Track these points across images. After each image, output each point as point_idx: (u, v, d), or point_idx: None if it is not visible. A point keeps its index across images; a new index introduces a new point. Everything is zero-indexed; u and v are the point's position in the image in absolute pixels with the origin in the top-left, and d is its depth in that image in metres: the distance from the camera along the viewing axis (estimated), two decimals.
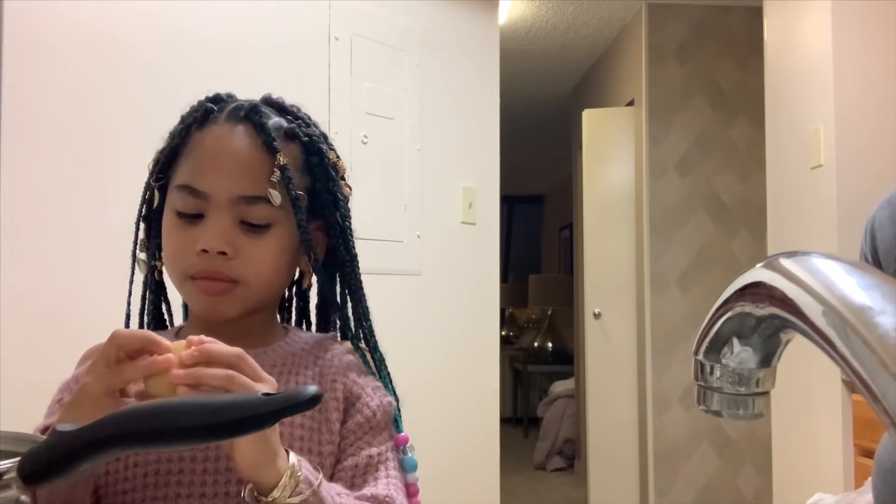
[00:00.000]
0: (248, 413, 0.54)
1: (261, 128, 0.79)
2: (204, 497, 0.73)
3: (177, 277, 0.80)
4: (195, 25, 2.03)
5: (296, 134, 0.82)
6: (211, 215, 0.77)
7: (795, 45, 2.68)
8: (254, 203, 0.78)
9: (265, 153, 0.79)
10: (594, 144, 4.29)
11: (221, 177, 0.78)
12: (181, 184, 0.79)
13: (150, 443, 0.55)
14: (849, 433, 2.29)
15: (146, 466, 0.74)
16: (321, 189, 0.83)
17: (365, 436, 0.80)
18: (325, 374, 0.82)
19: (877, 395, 0.32)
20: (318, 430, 0.78)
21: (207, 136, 0.80)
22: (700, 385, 0.45)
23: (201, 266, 0.77)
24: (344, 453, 0.79)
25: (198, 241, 0.77)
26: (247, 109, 0.81)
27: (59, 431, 0.53)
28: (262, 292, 0.81)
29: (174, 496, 0.73)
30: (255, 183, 0.78)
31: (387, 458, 0.80)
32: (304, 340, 0.86)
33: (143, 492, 0.73)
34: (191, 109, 0.84)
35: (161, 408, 0.55)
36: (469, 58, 2.81)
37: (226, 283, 0.78)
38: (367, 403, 0.81)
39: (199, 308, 0.80)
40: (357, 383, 0.82)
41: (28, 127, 1.75)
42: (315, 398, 0.56)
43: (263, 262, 0.79)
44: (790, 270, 0.38)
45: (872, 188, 2.36)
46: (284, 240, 0.80)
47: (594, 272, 4.20)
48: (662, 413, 3.84)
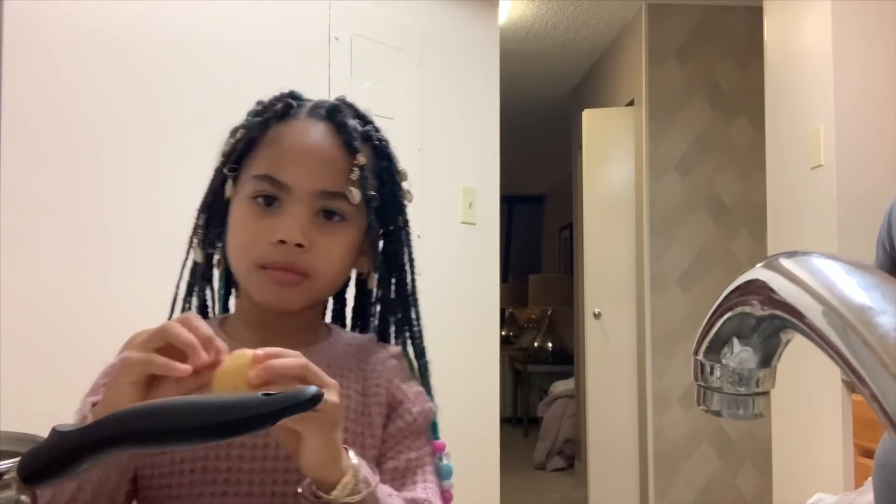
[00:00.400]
0: (248, 413, 0.54)
1: (342, 127, 0.81)
2: (251, 496, 0.74)
3: (245, 266, 0.80)
4: (195, 25, 2.03)
5: (370, 137, 0.84)
6: (290, 207, 0.78)
7: (795, 45, 2.68)
8: (333, 199, 0.79)
9: (345, 152, 0.80)
10: (594, 144, 4.29)
11: (304, 170, 0.79)
12: (261, 174, 0.80)
13: (151, 443, 0.55)
14: (849, 433, 2.29)
15: (193, 462, 0.74)
16: (387, 193, 0.85)
17: (405, 440, 0.81)
18: (368, 378, 0.83)
19: (877, 395, 0.32)
20: (362, 434, 0.79)
21: (289, 131, 0.82)
22: (700, 385, 0.45)
23: (276, 257, 0.77)
24: (384, 457, 0.80)
25: (274, 232, 0.77)
26: (328, 108, 0.83)
27: (59, 431, 0.53)
28: (328, 287, 0.83)
29: (221, 493, 0.73)
30: (335, 179, 0.79)
31: (424, 462, 0.81)
32: (347, 342, 0.86)
33: (188, 487, 0.74)
34: (268, 103, 0.86)
35: (161, 408, 0.55)
36: (469, 58, 2.81)
37: (298, 275, 0.78)
38: (409, 409, 0.82)
39: (264, 298, 0.80)
40: (400, 388, 0.83)
41: (28, 127, 1.75)
42: (315, 398, 0.56)
43: (335, 257, 0.80)
44: (790, 270, 0.38)
45: (872, 188, 2.36)
46: (353, 238, 0.82)
47: (594, 272, 4.20)
48: (662, 413, 3.84)
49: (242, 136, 0.84)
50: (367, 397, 0.81)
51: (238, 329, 0.83)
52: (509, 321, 7.89)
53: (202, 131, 2.04)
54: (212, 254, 0.87)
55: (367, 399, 0.81)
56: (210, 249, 0.87)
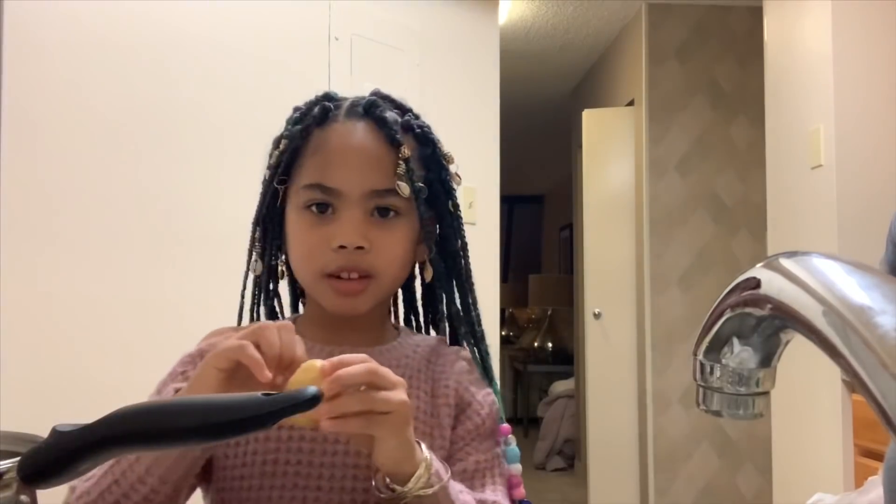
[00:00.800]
0: (248, 413, 0.54)
1: (382, 122, 0.81)
2: (320, 490, 0.75)
3: (310, 276, 0.81)
4: (195, 26, 2.03)
5: (410, 126, 0.84)
6: (344, 211, 0.78)
7: (795, 45, 2.68)
8: (384, 196, 0.79)
9: (389, 147, 0.80)
10: (594, 144, 4.29)
11: (352, 173, 0.79)
12: (310, 183, 0.80)
13: (151, 443, 0.55)
14: (849, 433, 2.29)
15: (265, 455, 0.75)
16: (435, 179, 0.85)
17: (473, 442, 0.81)
18: (437, 379, 0.83)
19: (877, 396, 0.32)
20: (431, 435, 0.79)
21: (331, 135, 0.81)
22: (700, 385, 0.45)
23: (339, 262, 0.78)
24: (452, 458, 0.80)
25: (333, 238, 0.78)
26: (365, 105, 0.83)
27: (59, 431, 0.53)
28: (392, 285, 0.84)
29: (291, 486, 0.74)
30: (384, 176, 0.79)
31: (492, 465, 0.81)
32: (416, 342, 0.87)
33: (260, 479, 0.75)
34: (306, 109, 0.85)
35: (161, 408, 0.55)
36: (469, 58, 2.81)
37: (362, 281, 0.79)
38: (478, 411, 0.82)
39: (331, 306, 0.81)
40: (469, 390, 0.83)
41: (28, 127, 1.75)
42: (314, 398, 0.56)
43: (396, 253, 0.81)
44: (790, 270, 0.38)
45: (872, 188, 2.36)
46: (410, 231, 0.82)
47: (594, 272, 4.20)
48: (662, 413, 3.84)
49: (286, 146, 0.83)
50: (436, 398, 0.81)
51: (308, 330, 0.83)
52: (509, 321, 7.89)
53: (202, 131, 2.04)
54: (275, 265, 0.88)
55: (435, 400, 0.81)
56: (272, 261, 0.88)
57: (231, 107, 2.08)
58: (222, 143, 2.06)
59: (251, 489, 0.75)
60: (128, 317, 1.87)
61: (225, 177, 2.06)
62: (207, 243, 2.01)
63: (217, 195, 2.04)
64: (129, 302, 1.88)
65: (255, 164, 2.46)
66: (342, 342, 0.81)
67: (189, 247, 1.98)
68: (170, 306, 1.94)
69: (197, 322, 2.03)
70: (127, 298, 1.87)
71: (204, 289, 2.00)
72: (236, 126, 2.09)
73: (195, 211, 2.00)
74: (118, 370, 1.81)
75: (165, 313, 1.93)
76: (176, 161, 1.98)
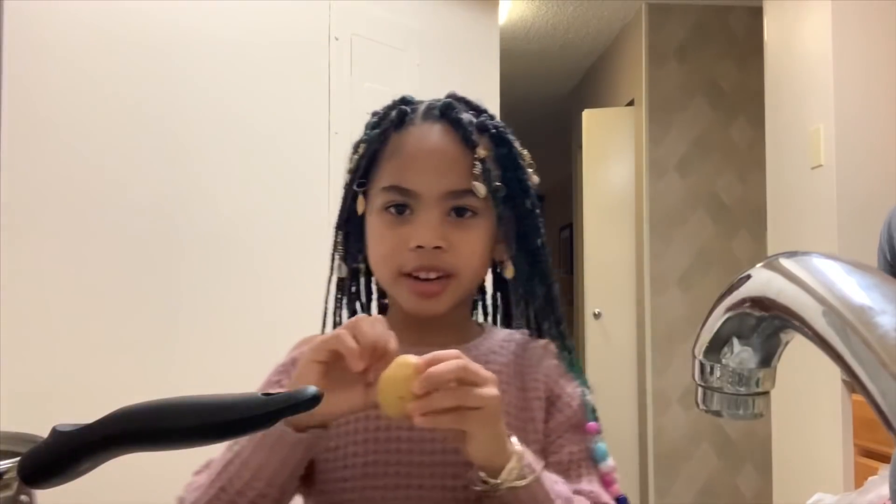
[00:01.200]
0: (248, 413, 0.54)
1: (458, 124, 0.83)
2: (422, 488, 0.76)
3: (389, 276, 0.83)
4: (195, 25, 2.03)
5: (486, 127, 0.85)
6: (421, 212, 0.80)
7: (795, 45, 2.68)
8: (461, 197, 0.81)
9: (465, 148, 0.82)
10: (594, 144, 4.29)
11: (429, 174, 0.81)
12: (389, 185, 0.82)
13: (151, 442, 0.55)
14: (849, 433, 2.29)
15: (365, 456, 0.77)
16: (511, 178, 0.85)
17: (566, 434, 0.82)
18: (525, 373, 0.84)
19: (876, 396, 0.32)
20: (524, 430, 0.80)
21: (408, 137, 0.83)
22: (700, 385, 0.45)
23: (416, 262, 0.80)
24: (546, 451, 0.81)
25: (412, 239, 0.79)
26: (441, 108, 0.84)
27: (59, 431, 0.53)
28: (471, 284, 0.85)
29: (392, 486, 0.76)
30: (460, 177, 0.81)
31: (586, 456, 0.82)
32: (501, 337, 0.88)
33: (361, 480, 0.77)
34: (383, 113, 0.87)
35: (161, 407, 0.55)
36: (469, 58, 2.81)
37: (439, 282, 0.80)
38: (569, 403, 0.83)
39: (410, 305, 0.82)
40: (558, 383, 0.84)
41: (28, 126, 1.75)
42: (315, 398, 0.56)
43: (474, 252, 0.82)
44: (790, 270, 0.38)
45: (872, 188, 2.36)
46: (487, 231, 0.83)
47: (594, 272, 4.20)
48: (662, 413, 3.84)
49: (364, 150, 0.85)
50: (527, 392, 0.82)
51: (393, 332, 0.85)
52: None
53: (202, 130, 2.04)
54: (357, 268, 0.90)
55: (526, 394, 0.82)
56: (354, 264, 0.89)
57: (231, 106, 2.08)
58: (223, 143, 2.06)
59: (353, 490, 0.77)
60: (128, 316, 1.87)
61: (225, 176, 2.06)
62: (208, 242, 2.01)
63: (218, 194, 2.04)
64: (130, 302, 1.88)
65: (255, 162, 2.47)
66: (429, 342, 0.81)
67: (189, 246, 1.98)
68: (170, 306, 1.94)
69: (197, 321, 2.04)
70: (127, 298, 1.87)
71: (204, 288, 2.00)
72: (236, 125, 2.09)
73: (195, 210, 2.00)
74: (118, 370, 1.81)
75: (165, 313, 1.93)
76: (176, 160, 1.98)
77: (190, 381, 1.86)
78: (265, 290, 2.11)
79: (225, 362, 1.98)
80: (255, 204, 2.11)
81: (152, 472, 1.63)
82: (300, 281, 2.28)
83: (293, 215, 2.17)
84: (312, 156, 2.23)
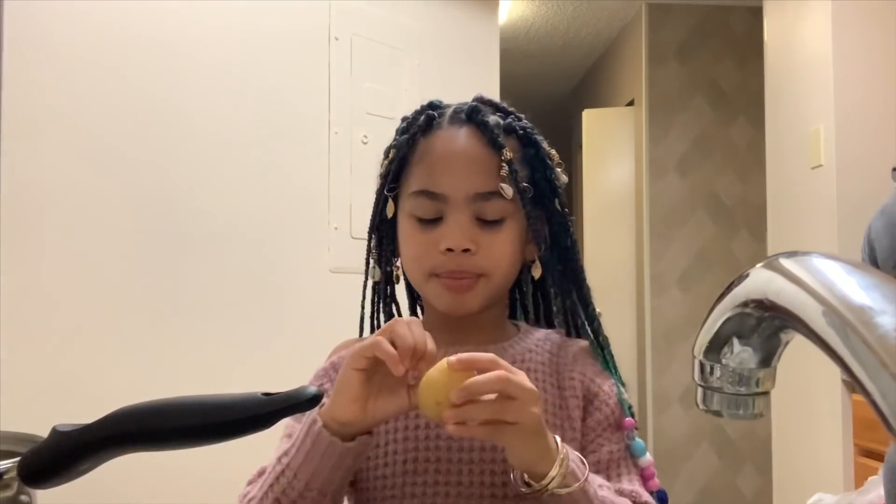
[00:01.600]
0: (247, 413, 0.54)
1: (484, 126, 0.83)
2: (461, 485, 0.77)
3: (420, 277, 0.84)
4: (196, 25, 2.03)
5: (513, 128, 0.86)
6: (450, 215, 0.81)
7: (795, 45, 2.68)
8: (489, 199, 0.81)
9: (491, 150, 0.83)
10: (594, 144, 4.29)
11: (456, 177, 0.82)
12: (418, 189, 0.83)
13: (151, 443, 0.55)
14: (849, 433, 2.29)
15: (405, 454, 0.78)
16: (540, 179, 0.86)
17: (605, 432, 0.82)
18: (561, 372, 0.85)
19: (876, 396, 0.32)
20: (562, 427, 0.81)
21: (436, 142, 0.85)
22: (700, 385, 0.45)
23: (448, 265, 0.81)
24: (585, 449, 0.81)
25: (441, 241, 0.80)
26: (468, 111, 0.85)
27: (59, 431, 0.53)
28: (502, 284, 0.85)
29: (433, 483, 0.77)
30: (487, 179, 0.81)
31: (626, 454, 0.83)
32: (538, 337, 0.88)
33: (402, 478, 0.78)
34: (412, 118, 0.89)
35: (161, 408, 0.55)
36: (469, 58, 2.81)
37: (471, 278, 0.81)
38: (606, 401, 0.84)
39: (443, 304, 0.83)
40: (594, 381, 0.85)
41: (28, 126, 1.75)
42: (315, 398, 0.56)
43: (504, 253, 0.83)
44: (790, 270, 0.38)
45: (872, 188, 2.36)
46: (517, 232, 0.84)
47: (594, 272, 4.19)
48: (662, 413, 3.84)
49: (394, 155, 0.87)
50: (563, 390, 0.83)
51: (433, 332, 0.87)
52: None
53: (202, 130, 2.04)
54: (390, 270, 0.91)
55: (563, 392, 0.83)
56: (388, 267, 0.91)
57: (231, 106, 2.08)
58: (223, 143, 2.06)
59: (394, 487, 0.78)
60: (128, 316, 1.87)
61: (225, 176, 2.06)
62: (207, 242, 2.01)
63: (218, 194, 2.04)
64: (129, 301, 1.88)
65: (255, 162, 2.46)
66: (464, 342, 0.82)
67: (189, 245, 1.98)
68: (169, 305, 1.94)
69: (197, 321, 2.04)
70: (127, 298, 1.87)
71: (204, 287, 2.00)
72: (236, 125, 2.09)
73: (196, 210, 2.00)
74: (118, 370, 1.81)
75: (165, 313, 1.93)
76: (176, 160, 1.98)
77: (191, 380, 1.86)
78: (265, 289, 2.11)
79: (225, 361, 1.98)
80: (254, 203, 2.10)
81: (152, 472, 1.63)
82: (300, 280, 2.28)
83: (293, 215, 2.17)
84: (312, 156, 2.23)
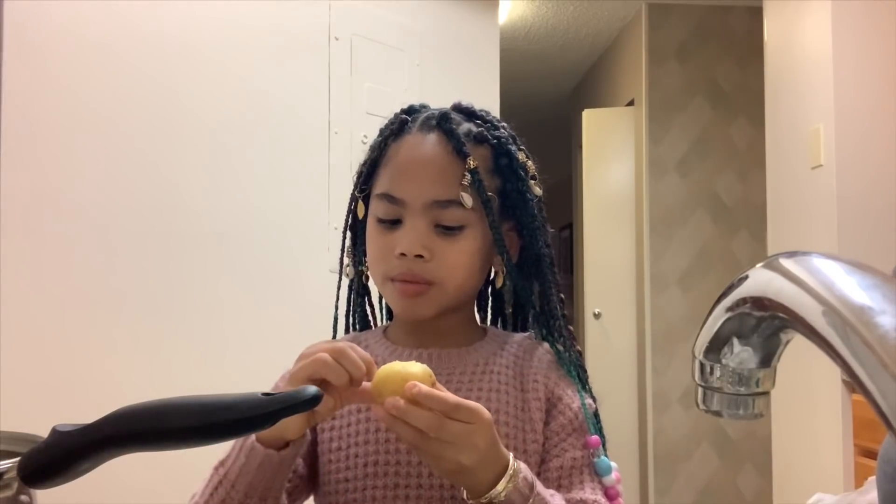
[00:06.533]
0: (247, 413, 0.54)
1: (450, 134, 0.83)
2: (420, 487, 0.77)
3: (379, 279, 0.85)
4: (195, 26, 2.03)
5: (485, 137, 0.85)
6: (407, 220, 0.81)
7: (795, 45, 2.68)
8: (447, 207, 0.81)
9: (456, 158, 0.82)
10: (594, 144, 4.29)
11: (416, 183, 0.82)
12: (381, 192, 0.84)
13: (150, 443, 0.55)
14: (849, 433, 2.29)
15: (366, 457, 0.79)
16: (511, 189, 0.86)
17: (569, 437, 0.81)
18: (525, 374, 0.84)
19: (876, 396, 0.32)
20: (523, 430, 0.80)
21: (403, 146, 0.85)
22: (700, 385, 0.45)
23: (400, 269, 0.81)
24: (548, 454, 0.81)
25: (396, 246, 0.81)
26: (437, 118, 0.85)
27: (59, 431, 0.53)
28: (457, 293, 0.84)
29: (392, 486, 0.78)
30: (447, 187, 0.81)
31: (589, 461, 0.81)
32: (503, 340, 0.88)
33: (363, 480, 0.78)
34: (388, 122, 0.89)
35: (161, 408, 0.55)
36: (469, 58, 2.81)
37: (421, 284, 0.81)
38: (569, 405, 0.83)
39: (397, 308, 0.85)
40: (559, 385, 0.84)
41: (28, 126, 1.75)
42: (315, 398, 0.56)
43: (458, 263, 0.82)
44: (790, 270, 0.38)
45: (872, 188, 2.36)
46: (478, 241, 0.83)
47: (594, 272, 4.19)
48: (662, 413, 3.84)
49: (367, 157, 0.88)
50: (526, 393, 0.82)
51: (398, 334, 0.88)
52: None
53: (202, 131, 2.04)
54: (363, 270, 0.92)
55: (525, 395, 0.82)
56: (360, 266, 0.92)
57: (231, 107, 2.08)
58: (222, 143, 2.06)
59: (356, 490, 0.78)
60: (128, 316, 1.87)
61: (225, 176, 2.06)
62: (207, 242, 2.01)
63: (218, 194, 2.04)
64: (129, 302, 1.88)
65: (254, 162, 2.47)
66: (428, 345, 0.84)
67: (189, 246, 1.98)
68: (169, 306, 1.94)
69: (196, 321, 2.04)
70: (127, 298, 1.87)
71: (204, 288, 2.00)
72: (236, 126, 2.09)
73: (195, 210, 2.00)
74: (118, 370, 1.81)
75: (165, 313, 1.93)
76: (176, 161, 1.98)
77: (191, 380, 1.86)
78: (265, 289, 2.11)
79: (224, 361, 1.98)
80: (254, 203, 2.10)
81: (152, 472, 1.63)
82: (300, 280, 2.28)
83: (293, 215, 2.17)
84: (312, 155, 2.23)
